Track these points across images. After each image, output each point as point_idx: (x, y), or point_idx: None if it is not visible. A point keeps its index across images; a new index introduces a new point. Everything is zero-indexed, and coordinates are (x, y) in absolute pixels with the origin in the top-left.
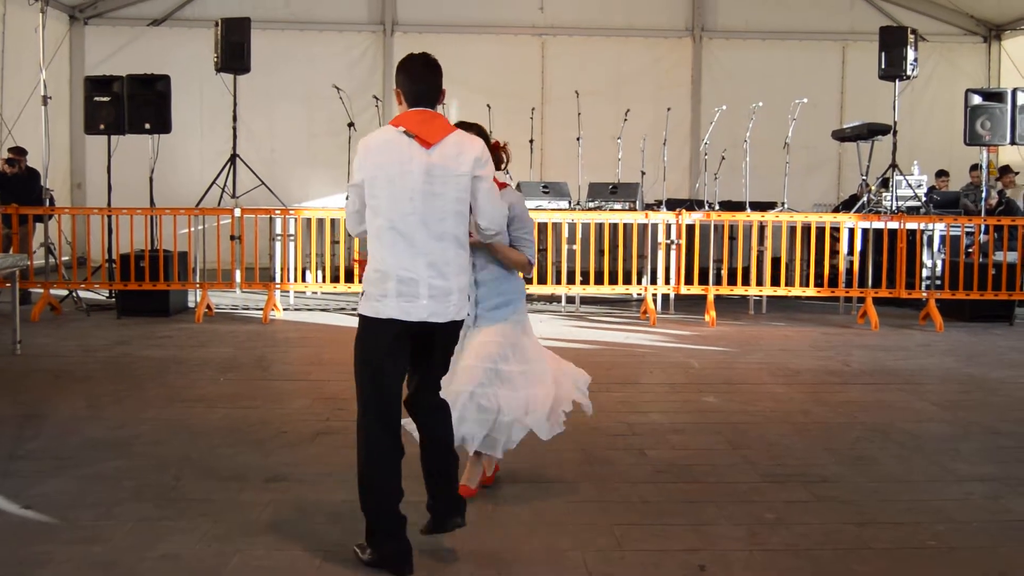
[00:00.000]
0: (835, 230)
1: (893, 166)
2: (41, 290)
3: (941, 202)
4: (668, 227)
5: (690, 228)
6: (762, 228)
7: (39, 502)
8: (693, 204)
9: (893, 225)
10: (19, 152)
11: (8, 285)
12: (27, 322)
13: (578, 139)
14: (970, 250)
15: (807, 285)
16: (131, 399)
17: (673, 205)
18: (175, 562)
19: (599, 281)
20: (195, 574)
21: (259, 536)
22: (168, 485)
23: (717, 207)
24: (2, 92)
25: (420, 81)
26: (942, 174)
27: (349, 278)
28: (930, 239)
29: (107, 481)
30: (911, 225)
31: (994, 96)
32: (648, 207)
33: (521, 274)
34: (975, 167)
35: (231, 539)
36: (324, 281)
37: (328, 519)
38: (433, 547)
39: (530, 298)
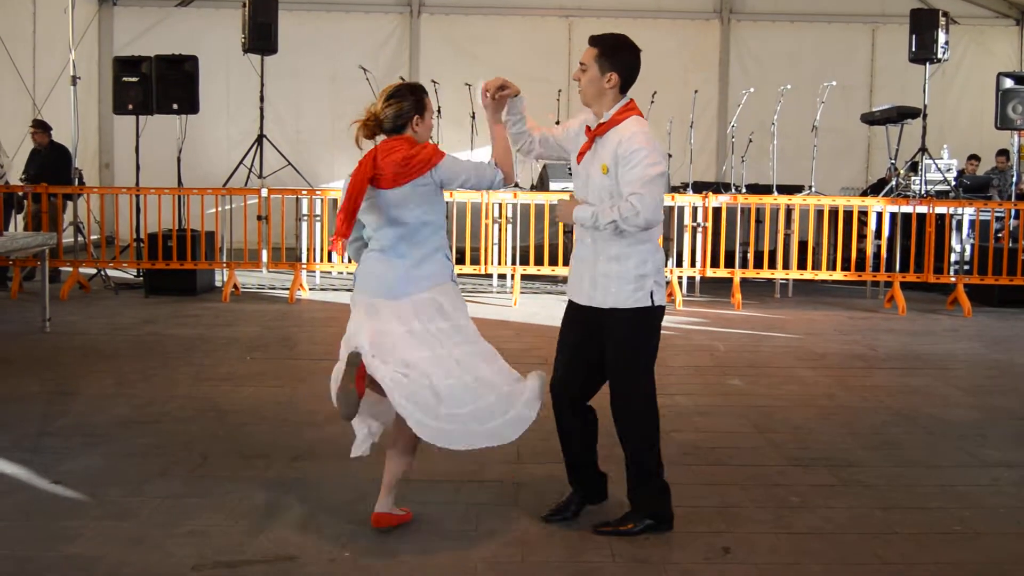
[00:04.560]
0: (863, 214)
1: (923, 150)
2: (70, 268)
3: (971, 186)
4: (695, 210)
5: (716, 211)
6: (789, 211)
7: (68, 478)
8: (720, 187)
9: (922, 209)
10: (36, 126)
11: (38, 263)
12: (56, 300)
13: None
14: (1000, 235)
15: (834, 269)
16: (159, 377)
17: (700, 188)
18: (202, 539)
19: None
20: (221, 551)
21: (285, 513)
22: (195, 463)
23: (744, 190)
24: (33, 72)
25: (639, 67)
26: (973, 158)
27: None
28: (959, 223)
29: (135, 458)
30: (940, 209)
31: None
32: (675, 189)
33: None
34: (1001, 152)
35: (257, 516)
36: (350, 261)
37: (354, 497)
38: (455, 528)
39: (555, 279)
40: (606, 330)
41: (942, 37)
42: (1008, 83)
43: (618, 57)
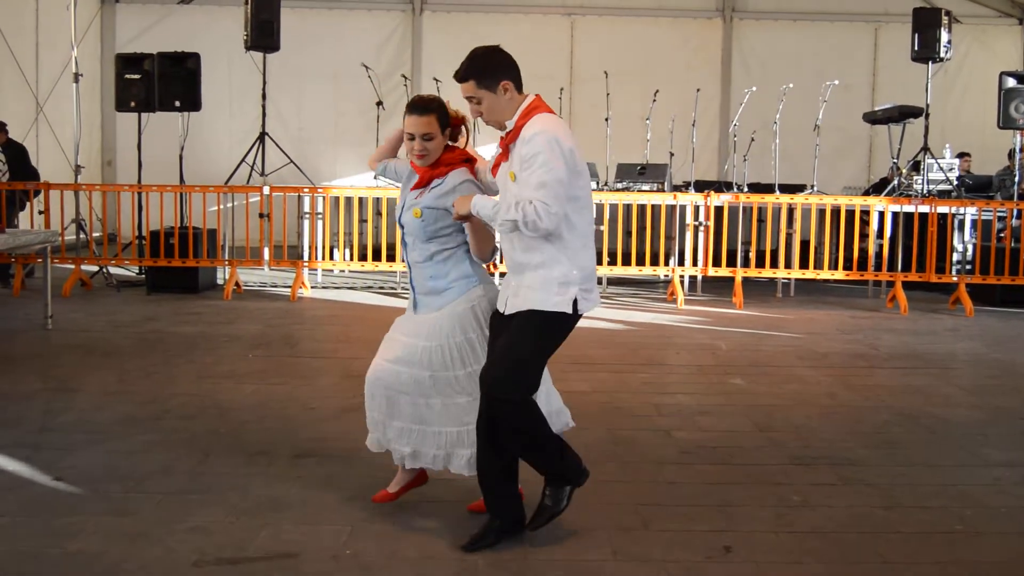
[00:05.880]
0: (865, 213)
1: (925, 149)
2: (71, 265)
3: (973, 186)
4: (696, 209)
5: (718, 210)
6: (791, 210)
7: (70, 474)
8: (722, 186)
9: (924, 209)
10: None
11: (39, 260)
12: (58, 297)
13: (607, 120)
14: (1002, 235)
15: (836, 268)
16: (160, 375)
17: (702, 187)
18: (203, 535)
19: (626, 262)
20: (223, 547)
21: (286, 511)
22: (197, 460)
23: (746, 189)
24: (36, 69)
25: (513, 59)
26: (964, 155)
27: (377, 256)
28: (961, 223)
29: (137, 455)
30: (942, 209)
31: None
32: (676, 188)
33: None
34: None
35: (259, 513)
36: (352, 259)
37: (355, 494)
38: (457, 526)
39: None
40: (514, 321)
41: (944, 36)
42: (1010, 82)
43: (493, 67)
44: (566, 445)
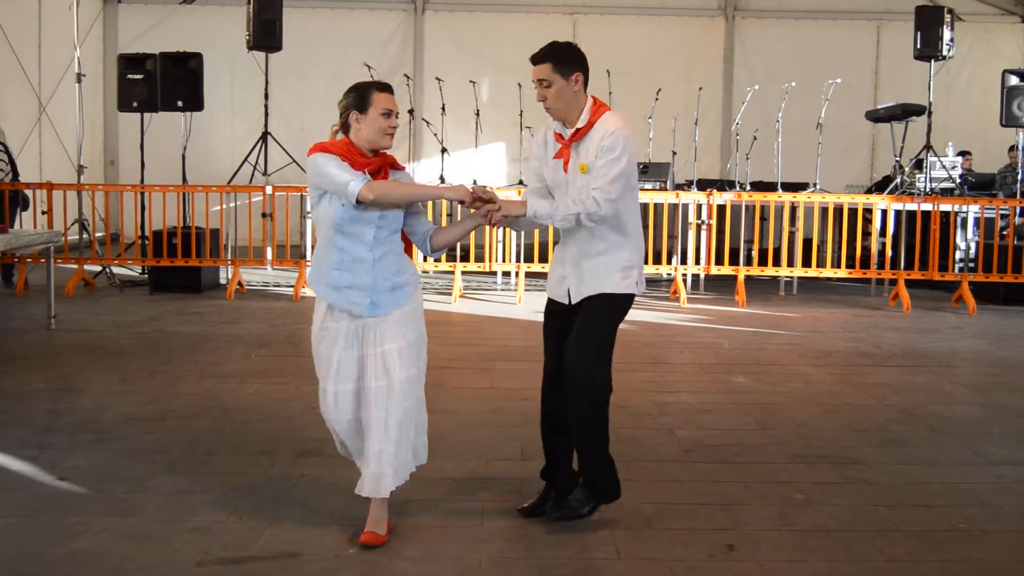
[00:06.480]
0: (867, 211)
1: (927, 147)
2: (72, 266)
3: (976, 184)
4: (699, 207)
5: (721, 208)
6: (794, 209)
7: (74, 474)
8: (724, 184)
9: (926, 207)
10: None
11: (42, 260)
12: (61, 297)
13: None
14: (1004, 232)
15: (839, 266)
16: (163, 374)
17: (704, 185)
18: (207, 535)
19: None
20: (226, 547)
21: (290, 510)
22: (200, 459)
23: (748, 187)
24: (39, 70)
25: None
26: (963, 154)
27: None
28: (964, 221)
29: (140, 454)
30: (945, 207)
31: None
32: (679, 187)
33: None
34: (1013, 148)
35: (262, 513)
36: None
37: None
38: (460, 525)
39: None
40: (584, 309)
41: (947, 34)
42: (1013, 80)
43: (572, 58)
44: (613, 462)
